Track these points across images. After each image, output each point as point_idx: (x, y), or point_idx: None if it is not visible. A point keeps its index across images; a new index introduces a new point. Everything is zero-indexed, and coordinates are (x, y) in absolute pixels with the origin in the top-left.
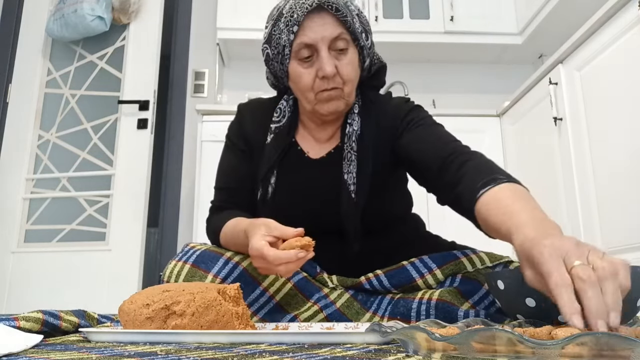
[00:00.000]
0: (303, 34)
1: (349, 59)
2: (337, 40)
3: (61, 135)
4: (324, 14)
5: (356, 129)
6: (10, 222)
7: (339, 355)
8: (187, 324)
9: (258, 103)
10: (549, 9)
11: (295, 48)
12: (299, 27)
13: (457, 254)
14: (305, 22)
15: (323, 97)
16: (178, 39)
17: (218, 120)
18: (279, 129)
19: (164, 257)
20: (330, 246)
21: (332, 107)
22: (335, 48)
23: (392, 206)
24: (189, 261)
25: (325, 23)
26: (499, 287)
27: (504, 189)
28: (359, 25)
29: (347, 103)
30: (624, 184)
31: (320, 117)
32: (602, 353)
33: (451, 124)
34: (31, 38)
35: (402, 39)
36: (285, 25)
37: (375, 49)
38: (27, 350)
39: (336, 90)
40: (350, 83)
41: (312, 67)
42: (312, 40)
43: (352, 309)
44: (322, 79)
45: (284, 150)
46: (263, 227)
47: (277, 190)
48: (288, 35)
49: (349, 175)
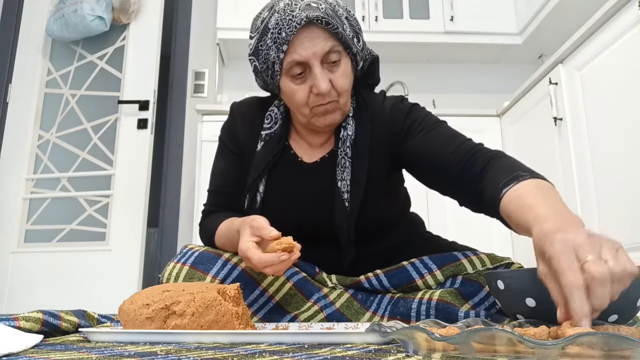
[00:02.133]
0: (293, 52)
1: (342, 71)
2: (329, 54)
3: (61, 135)
4: (312, 28)
5: (350, 134)
6: (10, 222)
7: (339, 355)
8: (187, 324)
9: (250, 104)
10: (549, 9)
11: (286, 66)
12: (288, 46)
13: (457, 255)
14: (295, 39)
15: (319, 111)
16: (178, 39)
17: (218, 120)
18: (270, 136)
19: (163, 257)
20: (325, 252)
21: (329, 120)
22: (327, 61)
23: (388, 210)
24: (188, 263)
25: (315, 38)
26: (499, 287)
27: (526, 184)
28: (350, 30)
29: (343, 112)
30: (624, 184)
31: (317, 129)
32: (602, 353)
33: (451, 124)
34: (31, 38)
35: (402, 39)
36: (274, 42)
37: (375, 49)
38: (27, 350)
39: (332, 104)
40: (345, 94)
41: (306, 83)
42: (304, 57)
43: (352, 309)
44: (317, 95)
45: (276, 156)
46: (249, 228)
47: (270, 194)
48: (277, 54)
49: (342, 182)
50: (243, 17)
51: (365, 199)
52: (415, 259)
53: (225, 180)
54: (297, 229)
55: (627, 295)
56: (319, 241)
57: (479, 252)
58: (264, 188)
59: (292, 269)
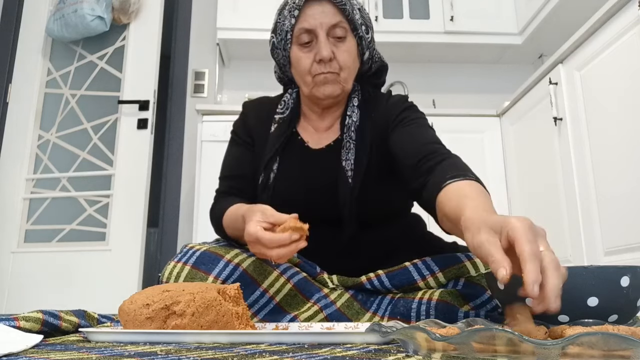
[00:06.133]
0: (304, 20)
1: (347, 47)
2: (335, 28)
3: (61, 135)
4: (324, 2)
5: (355, 120)
6: (10, 222)
7: (339, 355)
8: (187, 324)
9: (260, 100)
10: (549, 9)
11: (296, 33)
12: (300, 13)
13: (460, 257)
14: (306, 9)
15: (319, 79)
16: (178, 39)
17: (218, 120)
18: (282, 120)
19: (164, 257)
20: (327, 234)
21: (328, 90)
22: (333, 35)
23: (391, 197)
24: (189, 262)
25: (325, 11)
26: (499, 288)
27: (469, 184)
28: (359, 17)
29: (343, 89)
30: (624, 184)
31: (318, 101)
32: (602, 353)
33: (451, 124)
34: (31, 38)
35: (402, 39)
36: (288, 11)
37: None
38: (27, 350)
39: (332, 75)
40: (347, 70)
41: (311, 52)
42: (312, 25)
43: (352, 309)
44: (319, 62)
45: (285, 139)
46: (259, 214)
47: (279, 178)
48: (290, 20)
49: (347, 162)
50: (243, 17)
51: (368, 181)
52: (417, 260)
53: (237, 164)
54: (303, 211)
55: (627, 295)
56: (322, 223)
57: None
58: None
59: (293, 269)
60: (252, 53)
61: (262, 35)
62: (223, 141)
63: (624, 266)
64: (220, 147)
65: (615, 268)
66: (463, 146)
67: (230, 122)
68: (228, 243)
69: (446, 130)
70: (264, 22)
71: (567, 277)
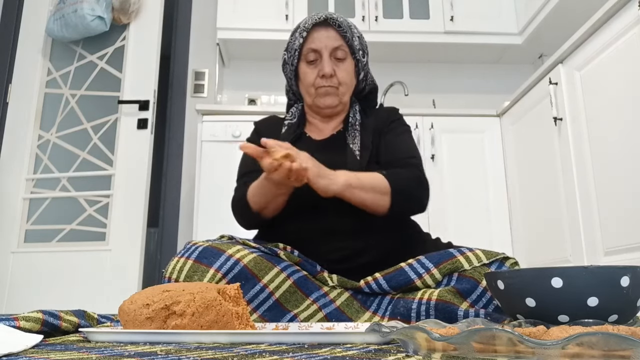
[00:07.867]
0: (311, 41)
1: (346, 67)
2: (337, 50)
3: (61, 135)
4: (329, 28)
5: (358, 118)
6: (10, 222)
7: (339, 355)
8: (187, 324)
9: (270, 117)
10: (549, 9)
11: (304, 52)
12: (308, 35)
13: (453, 252)
14: (314, 32)
15: (321, 91)
16: (178, 39)
17: (218, 120)
18: (291, 124)
19: (164, 257)
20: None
21: (328, 101)
22: (335, 56)
23: None
24: (192, 257)
25: (329, 35)
26: (499, 287)
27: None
28: (358, 43)
29: (341, 101)
30: (624, 184)
31: (319, 110)
32: (602, 353)
33: (451, 124)
34: (31, 38)
35: (402, 39)
36: (299, 33)
37: (375, 49)
38: (27, 350)
39: (332, 88)
40: (345, 85)
41: (316, 68)
42: (317, 46)
43: (352, 308)
44: (322, 77)
45: (296, 136)
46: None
47: None
48: (299, 40)
49: (353, 144)
50: (243, 17)
51: (371, 163)
52: (412, 260)
53: (252, 162)
54: (309, 195)
55: (627, 295)
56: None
57: (474, 248)
58: None
59: (294, 267)
60: (252, 53)
61: (262, 35)
62: (223, 141)
63: (624, 266)
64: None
65: (615, 268)
66: (463, 146)
67: (230, 122)
68: (231, 240)
69: (446, 130)
70: (264, 22)
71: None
